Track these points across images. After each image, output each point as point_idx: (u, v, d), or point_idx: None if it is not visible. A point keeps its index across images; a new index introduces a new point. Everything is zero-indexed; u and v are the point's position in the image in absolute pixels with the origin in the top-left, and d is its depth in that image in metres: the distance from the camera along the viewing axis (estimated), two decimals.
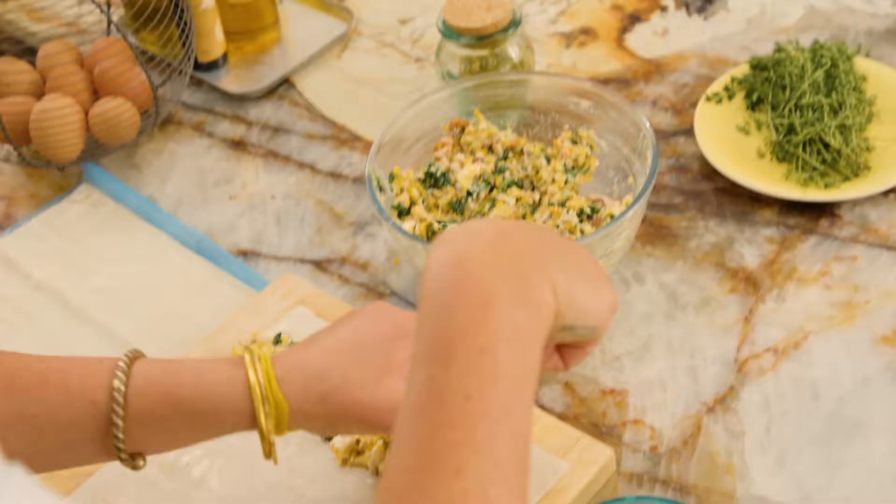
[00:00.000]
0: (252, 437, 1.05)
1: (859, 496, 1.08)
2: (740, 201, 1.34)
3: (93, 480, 1.07)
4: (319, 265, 1.33)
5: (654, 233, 1.32)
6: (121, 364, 0.90)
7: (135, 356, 0.92)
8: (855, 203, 1.32)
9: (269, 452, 0.91)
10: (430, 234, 1.20)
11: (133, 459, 0.91)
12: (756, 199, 1.34)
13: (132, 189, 1.41)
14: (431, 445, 0.70)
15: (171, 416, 0.90)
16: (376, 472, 1.05)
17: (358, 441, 1.06)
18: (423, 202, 1.25)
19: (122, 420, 0.89)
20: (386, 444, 1.05)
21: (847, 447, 1.11)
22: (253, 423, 0.90)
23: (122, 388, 0.89)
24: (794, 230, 1.30)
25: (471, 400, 0.70)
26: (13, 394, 0.89)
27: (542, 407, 1.16)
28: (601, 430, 1.15)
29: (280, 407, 0.89)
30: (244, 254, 1.35)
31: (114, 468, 1.07)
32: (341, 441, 1.06)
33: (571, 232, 1.18)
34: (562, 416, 1.15)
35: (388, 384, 0.90)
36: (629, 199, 1.23)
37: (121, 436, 0.89)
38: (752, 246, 1.29)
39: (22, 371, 0.90)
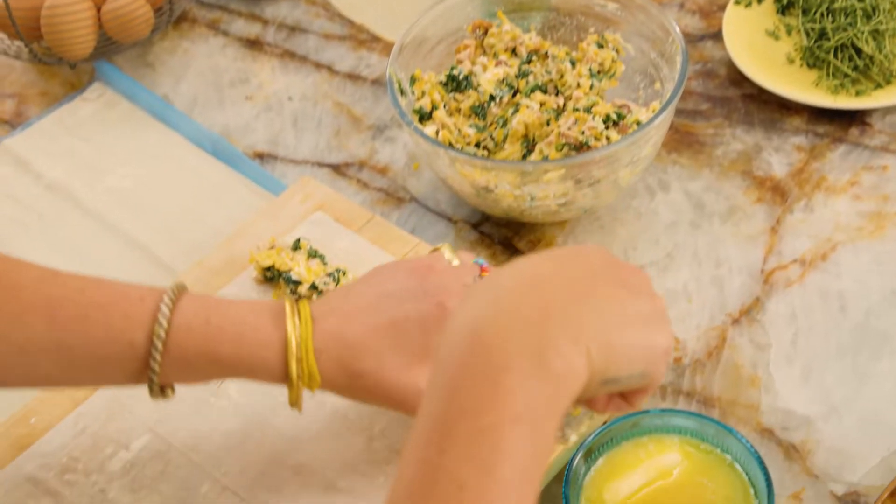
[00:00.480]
0: None
1: (886, 409, 1.06)
2: (768, 108, 1.31)
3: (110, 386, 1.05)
4: (337, 169, 1.30)
5: (680, 140, 1.29)
6: (163, 308, 0.89)
7: (178, 294, 0.90)
8: (886, 111, 1.29)
9: (295, 402, 0.91)
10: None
11: (162, 391, 0.91)
12: (785, 107, 1.30)
13: (146, 88, 1.38)
14: None
15: (207, 368, 0.90)
16: None
17: None
18: (444, 106, 1.22)
19: (160, 365, 0.89)
20: None
21: (874, 360, 1.10)
22: (283, 380, 0.90)
23: (163, 335, 0.88)
24: (824, 138, 1.27)
25: (465, 489, 0.64)
26: (53, 325, 0.88)
27: None
28: None
29: (313, 377, 0.90)
30: (260, 156, 1.32)
31: None
32: None
33: (597, 139, 1.15)
34: None
35: (419, 371, 0.90)
36: (656, 105, 1.20)
37: (156, 379, 0.89)
38: (780, 154, 1.26)
39: (65, 302, 0.89)
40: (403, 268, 0.95)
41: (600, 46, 1.23)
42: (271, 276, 1.11)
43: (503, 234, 1.23)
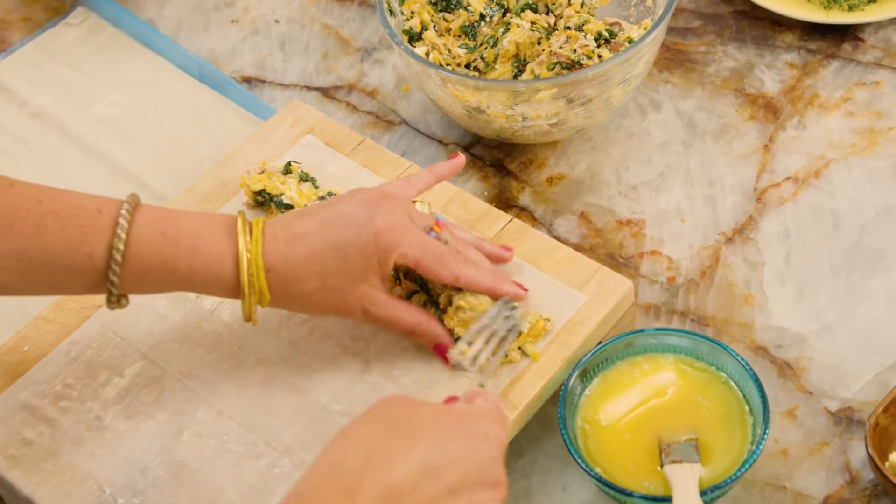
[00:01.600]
0: None
1: (879, 326, 1.06)
2: (760, 24, 1.29)
3: (102, 313, 1.05)
4: (326, 92, 1.29)
5: (671, 58, 1.28)
6: (121, 221, 0.90)
7: (134, 206, 0.92)
8: (879, 26, 1.27)
9: (248, 317, 0.95)
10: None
11: (118, 301, 0.93)
12: (777, 23, 1.29)
13: (130, 12, 1.36)
14: None
15: (163, 280, 0.93)
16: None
17: (435, 305, 1.03)
18: (434, 26, 1.20)
19: (118, 277, 0.91)
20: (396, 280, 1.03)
21: (867, 277, 1.10)
22: (235, 294, 0.94)
23: (122, 247, 0.90)
24: (816, 55, 1.26)
25: None
26: (11, 235, 0.89)
27: (558, 238, 1.14)
28: (617, 262, 1.13)
29: (263, 294, 0.94)
30: (248, 81, 1.31)
31: None
32: None
33: (589, 57, 1.14)
34: (577, 248, 1.13)
35: (358, 289, 0.95)
36: (648, 22, 1.18)
37: (114, 290, 0.91)
38: (773, 71, 1.25)
39: (22, 213, 0.89)
40: (362, 193, 0.97)
41: None
42: (262, 201, 1.10)
43: (494, 156, 1.22)
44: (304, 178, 1.10)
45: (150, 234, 0.91)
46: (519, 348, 1.00)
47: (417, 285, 1.03)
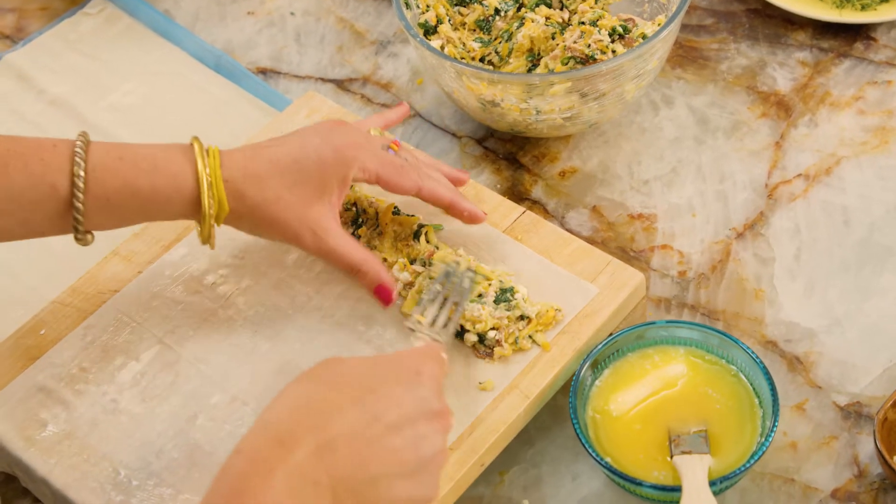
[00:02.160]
0: (278, 261, 1.05)
1: (888, 322, 1.07)
2: (773, 23, 1.30)
3: (117, 298, 1.06)
4: (341, 84, 1.30)
5: (684, 55, 1.29)
6: (78, 150, 0.93)
7: (87, 142, 0.95)
8: (891, 25, 1.28)
9: (207, 237, 0.97)
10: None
11: (85, 235, 0.96)
12: (789, 21, 1.30)
13: (147, 3, 1.37)
14: None
15: (126, 204, 0.95)
16: (398, 295, 1.04)
17: (385, 261, 1.05)
18: (449, 20, 1.21)
19: (83, 204, 0.93)
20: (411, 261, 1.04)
21: (877, 274, 1.10)
22: (196, 211, 0.96)
23: (83, 174, 0.93)
24: (828, 53, 1.27)
25: None
26: None
27: (570, 231, 1.15)
28: (629, 255, 1.14)
29: (222, 206, 0.96)
30: (263, 72, 1.32)
31: (139, 287, 1.06)
32: None
33: (603, 52, 1.15)
34: (589, 241, 1.13)
35: (314, 210, 0.98)
36: (662, 18, 1.19)
37: (80, 218, 0.94)
38: (785, 69, 1.26)
39: None
40: (321, 122, 1.01)
41: None
42: None
43: (507, 150, 1.23)
44: None
45: (107, 159, 0.94)
46: (530, 337, 1.01)
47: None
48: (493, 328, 1.00)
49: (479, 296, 1.01)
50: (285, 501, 0.75)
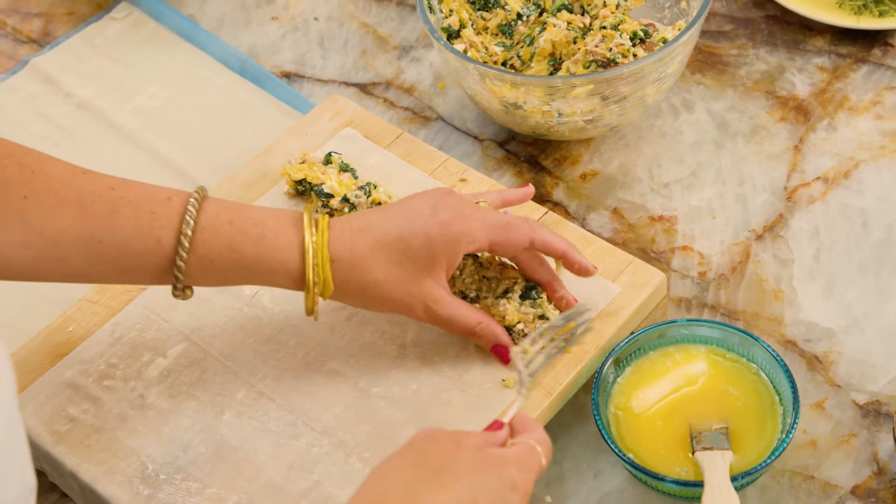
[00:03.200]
0: None
1: None
2: (791, 29, 1.32)
3: (145, 296, 1.07)
4: (364, 88, 1.31)
5: (704, 61, 1.30)
6: (190, 209, 0.92)
7: (202, 196, 0.94)
8: None
9: (311, 310, 0.96)
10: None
11: (184, 290, 0.94)
12: (807, 27, 1.31)
13: (172, 7, 1.39)
14: None
15: (229, 269, 0.94)
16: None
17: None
18: (472, 24, 1.23)
19: (185, 263, 0.92)
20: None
21: (895, 275, 1.11)
22: (300, 286, 0.95)
23: (190, 233, 0.92)
24: (846, 59, 1.28)
25: None
26: (85, 219, 0.91)
27: (591, 232, 1.16)
28: (649, 256, 1.15)
29: (327, 284, 0.95)
30: (287, 76, 1.33)
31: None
32: None
33: (624, 55, 1.16)
34: (610, 242, 1.14)
35: (424, 285, 0.96)
36: (682, 24, 1.21)
37: (181, 276, 0.93)
38: (803, 74, 1.27)
39: (96, 198, 0.91)
40: (427, 191, 0.98)
41: None
42: (303, 190, 1.12)
43: (529, 153, 1.24)
44: (345, 168, 1.13)
45: (217, 222, 0.93)
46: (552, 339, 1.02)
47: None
48: (518, 321, 1.01)
49: (506, 291, 1.02)
50: None
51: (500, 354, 1.00)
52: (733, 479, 0.94)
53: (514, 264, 1.04)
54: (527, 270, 1.03)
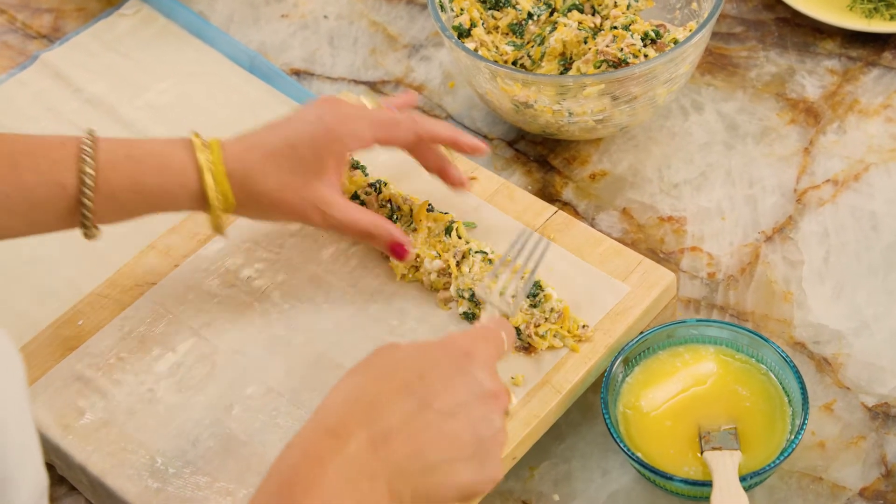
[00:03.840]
0: (313, 256, 1.07)
1: None
2: (802, 31, 1.32)
3: (154, 291, 1.07)
4: (374, 86, 1.32)
5: (714, 62, 1.30)
6: (86, 149, 0.96)
7: (95, 139, 0.97)
8: None
9: (217, 227, 1.00)
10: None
11: (92, 230, 0.98)
12: (818, 30, 1.31)
13: (182, 4, 1.39)
14: None
15: (133, 200, 0.98)
16: (431, 287, 1.06)
17: (417, 257, 1.06)
18: (483, 24, 1.23)
19: (92, 201, 0.95)
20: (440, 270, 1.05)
21: None
22: (202, 205, 0.99)
23: (92, 172, 0.95)
24: (857, 62, 1.28)
25: None
26: None
27: (600, 232, 1.16)
28: (658, 257, 1.15)
29: (228, 199, 0.99)
30: (297, 73, 1.33)
31: (176, 280, 1.08)
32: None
33: (635, 56, 1.16)
34: (619, 242, 1.14)
35: (315, 188, 1.00)
36: (693, 25, 1.21)
37: (89, 214, 0.96)
38: (814, 77, 1.28)
39: None
40: (314, 101, 1.03)
41: None
42: None
43: (538, 152, 1.24)
44: (355, 165, 1.13)
45: (115, 157, 0.97)
46: (557, 336, 1.02)
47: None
48: (523, 322, 1.01)
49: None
50: (339, 493, 0.74)
51: (398, 253, 1.03)
52: (742, 479, 0.94)
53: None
54: (420, 160, 1.07)
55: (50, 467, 1.02)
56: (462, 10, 1.22)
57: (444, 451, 0.79)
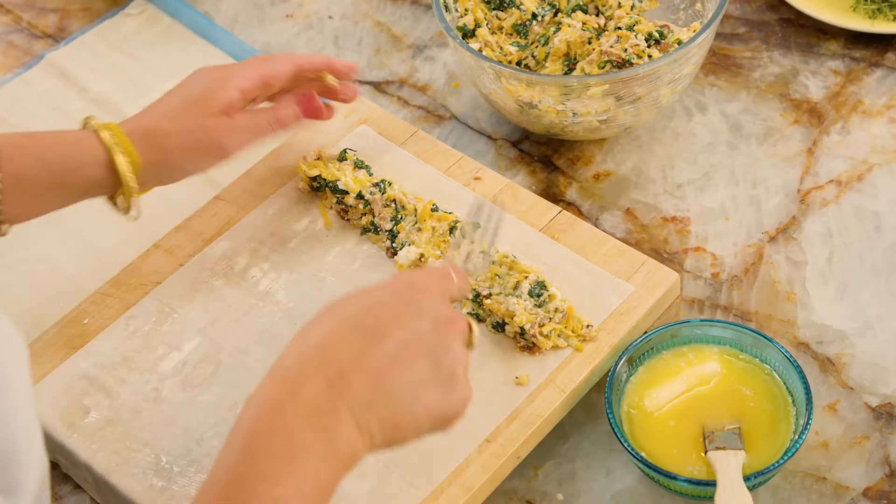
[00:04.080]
0: (318, 257, 1.07)
1: None
2: (805, 32, 1.32)
3: (159, 290, 1.08)
4: (378, 87, 1.32)
5: (718, 63, 1.30)
6: None
7: None
8: None
9: (128, 206, 1.01)
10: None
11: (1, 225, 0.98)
12: (822, 31, 1.32)
13: (187, 4, 1.39)
14: None
15: (39, 179, 0.97)
16: None
17: (421, 256, 1.06)
18: (487, 24, 1.23)
19: (1, 183, 0.95)
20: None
21: None
22: (111, 174, 0.99)
23: None
24: (860, 63, 1.28)
25: None
26: None
27: (605, 232, 1.16)
28: (662, 257, 1.15)
29: (132, 156, 1.00)
30: None
31: (181, 279, 1.08)
32: (405, 257, 1.07)
33: (639, 56, 1.16)
34: (622, 242, 1.14)
35: (210, 124, 1.03)
36: (696, 25, 1.21)
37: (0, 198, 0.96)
38: (817, 78, 1.28)
39: None
40: (196, 71, 1.07)
41: None
42: (318, 187, 1.12)
43: (542, 152, 1.24)
44: (359, 165, 1.13)
45: (15, 139, 0.98)
46: (561, 335, 1.02)
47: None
48: (527, 322, 1.01)
49: (515, 288, 1.03)
50: (301, 433, 0.75)
51: (309, 108, 1.09)
52: (745, 478, 0.94)
53: (520, 261, 1.05)
54: (306, 69, 1.10)
55: (55, 465, 1.03)
56: (466, 10, 1.22)
57: (404, 379, 0.79)
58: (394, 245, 1.08)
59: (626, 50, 1.16)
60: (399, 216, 1.09)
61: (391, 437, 0.80)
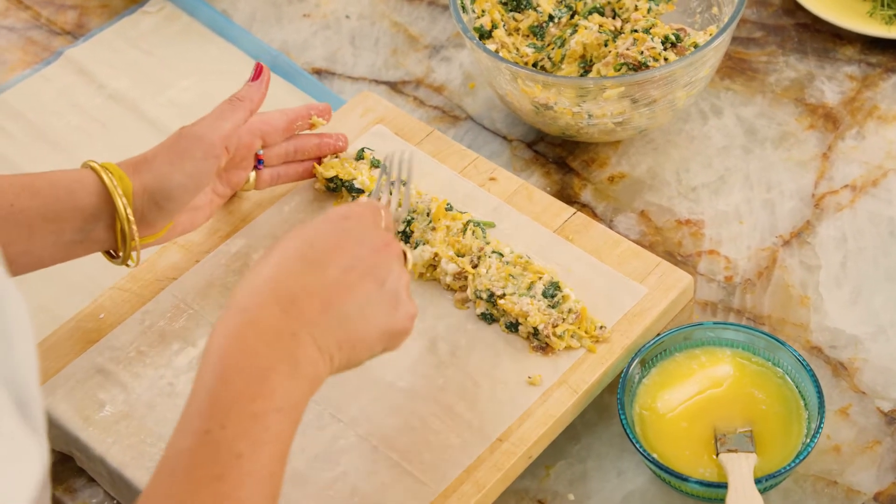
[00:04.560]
0: None
1: None
2: (821, 37, 1.32)
3: (175, 285, 1.08)
4: (395, 87, 1.32)
5: (733, 67, 1.30)
6: None
7: None
8: None
9: (128, 253, 1.02)
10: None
11: None
12: (838, 36, 1.32)
13: (205, 2, 1.40)
14: (199, 493, 0.75)
15: (30, 209, 0.97)
16: (448, 288, 1.06)
17: (435, 255, 1.07)
18: (503, 25, 1.23)
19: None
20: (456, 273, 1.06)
21: None
22: (104, 201, 0.99)
23: None
24: (876, 68, 1.29)
25: (241, 458, 0.77)
26: None
27: (618, 234, 1.16)
28: (676, 260, 1.15)
29: (123, 181, 1.00)
30: (318, 72, 1.34)
31: (196, 275, 1.09)
32: (418, 257, 1.07)
33: (656, 59, 1.17)
34: (636, 244, 1.15)
35: (207, 121, 1.05)
36: (713, 29, 1.21)
37: None
38: (833, 83, 1.28)
39: None
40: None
41: None
42: (334, 187, 1.13)
43: (557, 154, 1.25)
44: (376, 164, 1.14)
45: (5, 176, 0.98)
46: (574, 336, 1.02)
47: None
48: (541, 322, 1.02)
49: (529, 288, 1.03)
50: (266, 356, 0.79)
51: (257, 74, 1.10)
52: (757, 481, 0.94)
53: (534, 262, 1.05)
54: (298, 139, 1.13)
55: (69, 459, 1.03)
56: (483, 11, 1.23)
57: (352, 299, 0.84)
58: (407, 245, 1.08)
59: (642, 52, 1.17)
60: (413, 215, 1.09)
61: (349, 358, 0.85)
